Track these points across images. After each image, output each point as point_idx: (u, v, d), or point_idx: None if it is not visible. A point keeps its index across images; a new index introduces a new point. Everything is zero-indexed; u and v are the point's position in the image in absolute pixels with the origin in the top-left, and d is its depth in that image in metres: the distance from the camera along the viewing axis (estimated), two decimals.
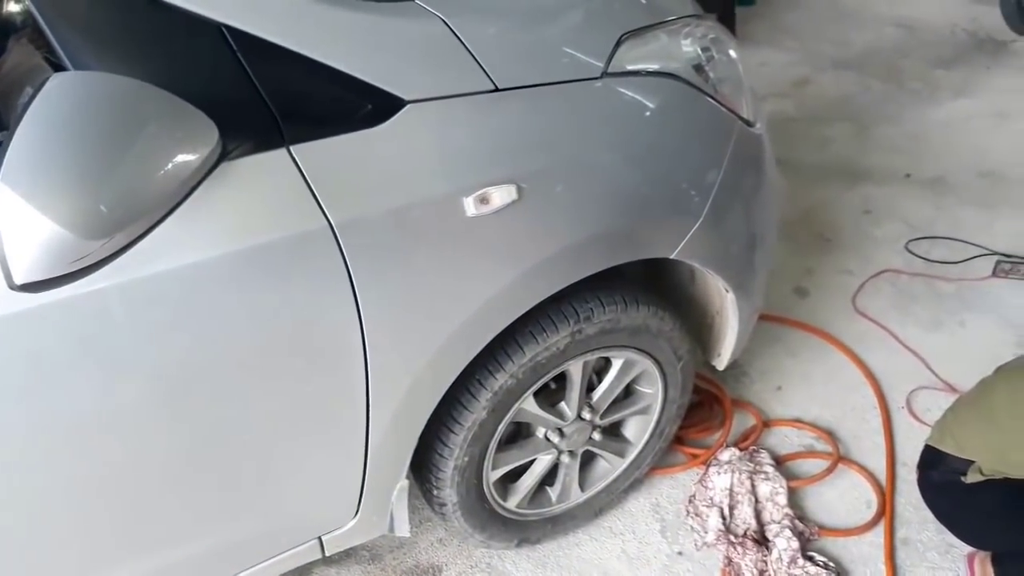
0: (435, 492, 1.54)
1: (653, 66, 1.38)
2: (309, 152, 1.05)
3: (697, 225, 1.44)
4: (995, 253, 2.60)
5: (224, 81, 1.01)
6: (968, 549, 1.69)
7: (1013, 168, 3.11)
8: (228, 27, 1.01)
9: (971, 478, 1.54)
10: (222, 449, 1.18)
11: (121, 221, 0.85)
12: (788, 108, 3.65)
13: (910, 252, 2.66)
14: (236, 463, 1.21)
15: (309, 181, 1.05)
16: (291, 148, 1.04)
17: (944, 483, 1.62)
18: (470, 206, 1.16)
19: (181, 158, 0.89)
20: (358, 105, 1.09)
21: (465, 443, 1.45)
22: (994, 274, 2.53)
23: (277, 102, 1.03)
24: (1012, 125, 3.43)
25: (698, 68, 1.43)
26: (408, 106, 1.11)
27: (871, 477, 1.91)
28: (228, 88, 1.01)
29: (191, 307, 1.03)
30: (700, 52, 1.45)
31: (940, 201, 2.93)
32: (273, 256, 1.06)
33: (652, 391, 1.73)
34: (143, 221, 0.88)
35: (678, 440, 1.98)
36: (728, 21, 4.27)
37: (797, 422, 2.07)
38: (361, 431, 1.27)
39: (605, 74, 1.30)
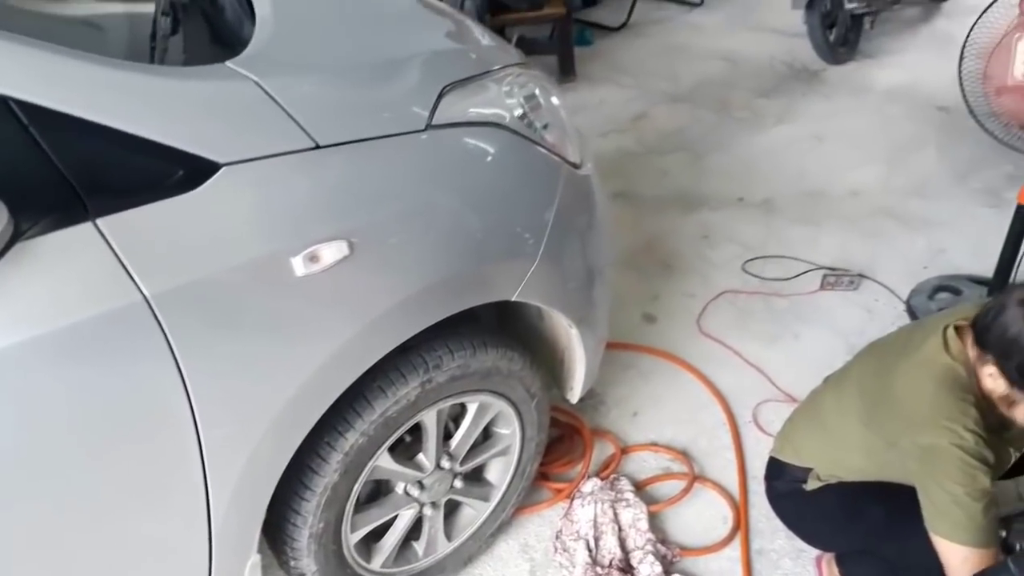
0: (292, 563, 1.48)
1: (477, 116, 1.41)
2: (118, 224, 1.00)
3: (534, 266, 1.48)
4: (821, 267, 2.81)
5: (14, 157, 0.95)
6: (816, 552, 1.79)
7: (832, 186, 3.38)
8: (15, 100, 0.95)
9: (811, 485, 1.63)
10: (51, 535, 1.09)
11: None
12: (627, 142, 3.81)
13: (746, 272, 2.82)
14: (69, 550, 1.12)
15: (119, 254, 1.00)
16: (97, 221, 0.99)
17: (788, 492, 1.71)
18: (299, 265, 1.14)
19: None
20: (168, 172, 1.05)
21: (319, 509, 1.41)
22: (822, 287, 2.72)
23: (78, 175, 0.98)
24: (828, 146, 3.74)
25: (523, 116, 1.48)
26: (223, 169, 1.08)
27: (725, 493, 1.99)
28: (19, 164, 0.95)
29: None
30: (523, 100, 1.49)
31: (770, 221, 3.14)
32: (85, 336, 1.00)
33: (510, 431, 1.75)
34: None
35: (542, 476, 2.00)
36: (568, 62, 4.45)
37: (653, 446, 2.13)
38: (201, 508, 1.20)
39: (429, 126, 1.31)
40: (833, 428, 1.62)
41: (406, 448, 1.59)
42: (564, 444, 2.12)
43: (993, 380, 1.38)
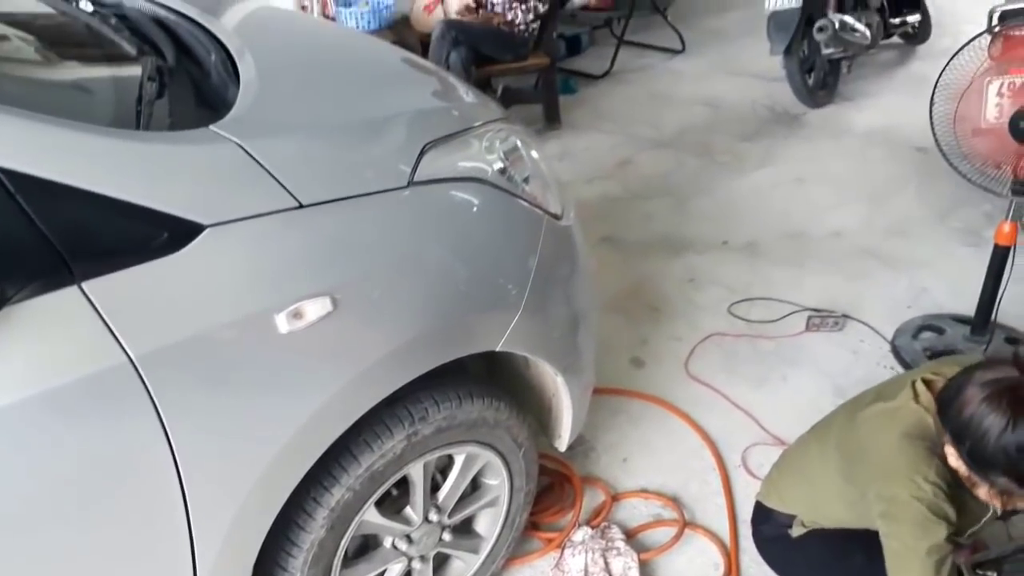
0: None
1: (458, 172, 1.44)
2: (102, 287, 1.02)
3: (518, 317, 1.49)
4: (806, 309, 2.83)
5: (1, 224, 0.97)
6: None
7: (815, 227, 3.43)
8: (2, 168, 0.97)
9: (796, 531, 1.64)
10: None
11: None
12: (612, 188, 3.87)
13: (732, 315, 2.85)
14: None
15: (104, 316, 1.02)
16: (82, 285, 1.01)
17: (775, 536, 1.71)
18: (283, 322, 1.15)
19: None
20: (153, 234, 1.06)
21: (305, 566, 1.40)
22: (807, 328, 2.74)
23: (63, 240, 1.00)
24: (810, 188, 3.80)
25: (503, 170, 1.51)
26: (207, 230, 1.10)
27: (716, 539, 1.99)
28: (6, 231, 0.97)
29: None
30: (503, 155, 1.52)
31: (754, 264, 3.18)
32: (71, 397, 1.01)
33: (498, 482, 1.74)
34: None
35: (533, 526, 1.99)
36: (553, 110, 4.53)
37: (644, 492, 2.13)
38: (187, 567, 1.20)
39: (411, 183, 1.34)
40: (815, 478, 1.62)
41: (393, 501, 1.59)
42: (554, 492, 2.11)
43: (954, 460, 1.34)
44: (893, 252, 3.21)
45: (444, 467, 1.67)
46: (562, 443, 1.86)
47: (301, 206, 1.19)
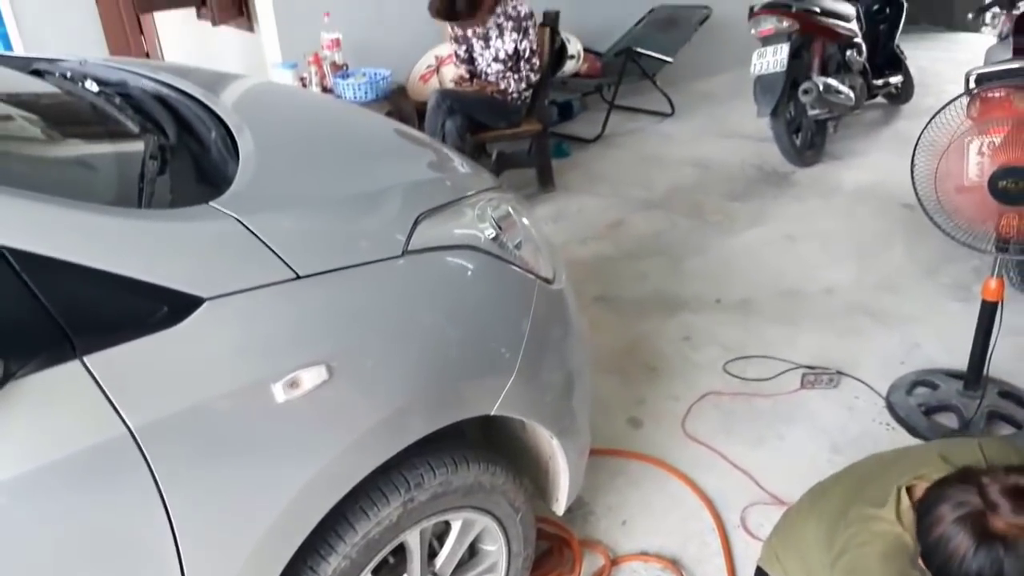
0: None
1: (452, 240, 1.48)
2: (104, 360, 1.04)
3: (511, 381, 1.51)
4: (800, 366, 2.85)
5: (6, 302, 1.00)
6: None
7: (807, 285, 3.47)
8: (7, 248, 1.01)
9: None
10: None
11: None
12: (606, 248, 3.92)
13: (728, 373, 2.86)
14: None
15: (105, 389, 1.04)
16: (84, 359, 1.03)
17: None
18: (279, 392, 1.17)
19: None
20: (153, 309, 1.09)
21: None
22: (802, 386, 2.76)
23: (66, 316, 1.02)
24: (801, 246, 3.85)
25: (495, 237, 1.55)
26: (207, 303, 1.13)
27: None
28: (10, 309, 1.00)
29: None
30: (496, 222, 1.57)
31: (749, 322, 3.21)
32: (71, 470, 1.02)
33: (496, 548, 1.74)
34: None
35: None
36: (546, 174, 4.62)
37: (644, 555, 2.12)
38: None
39: (406, 252, 1.38)
40: (811, 559, 1.60)
41: (390, 569, 1.58)
42: (553, 557, 2.10)
43: None
44: (885, 308, 3.24)
45: (441, 533, 1.66)
46: (560, 507, 1.86)
47: (298, 277, 1.22)
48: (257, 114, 1.69)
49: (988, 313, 2.41)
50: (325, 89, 4.36)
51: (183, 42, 6.86)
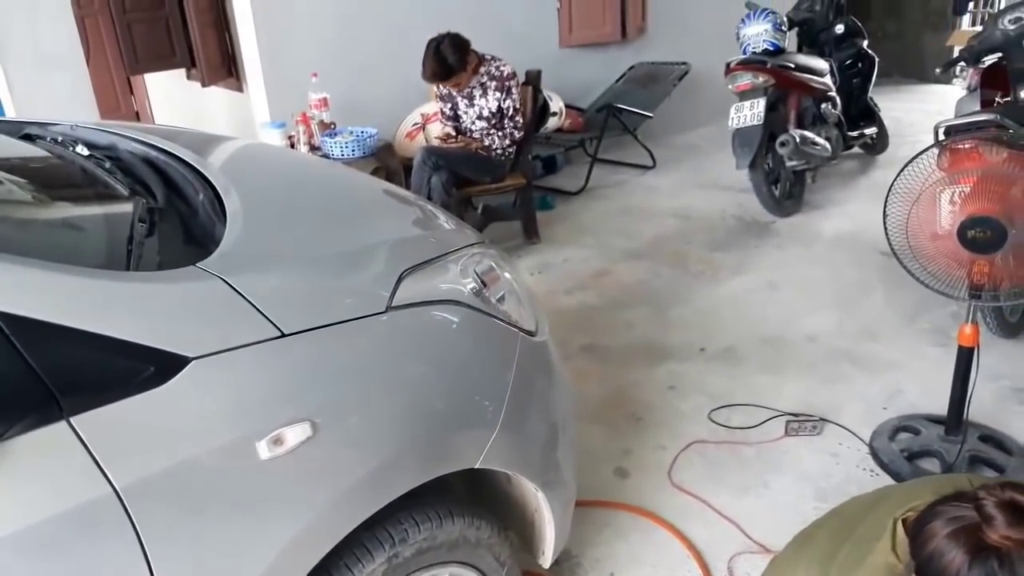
0: None
1: (435, 295, 1.51)
2: (90, 421, 1.06)
3: (495, 434, 1.53)
4: (784, 413, 2.87)
5: None
6: None
7: (790, 332, 3.51)
8: None
9: None
10: None
11: None
12: (591, 298, 3.96)
13: (713, 421, 2.88)
14: None
15: (91, 449, 1.05)
16: (71, 420, 1.05)
17: None
18: (263, 449, 1.19)
19: None
20: (140, 369, 1.11)
21: None
22: (786, 433, 2.77)
23: (53, 377, 1.04)
24: (782, 294, 3.91)
25: (478, 292, 1.58)
26: (193, 363, 1.15)
27: None
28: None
29: None
30: (478, 277, 1.60)
31: (733, 370, 3.23)
32: (56, 530, 1.03)
33: None
34: None
35: None
36: (531, 226, 4.68)
37: None
38: None
39: (389, 308, 1.41)
40: None
41: None
42: None
43: None
44: (866, 355, 3.28)
45: None
46: (546, 560, 1.86)
47: (283, 335, 1.25)
48: (244, 175, 1.73)
49: (965, 359, 2.45)
50: (313, 148, 4.44)
51: (173, 102, 6.98)
